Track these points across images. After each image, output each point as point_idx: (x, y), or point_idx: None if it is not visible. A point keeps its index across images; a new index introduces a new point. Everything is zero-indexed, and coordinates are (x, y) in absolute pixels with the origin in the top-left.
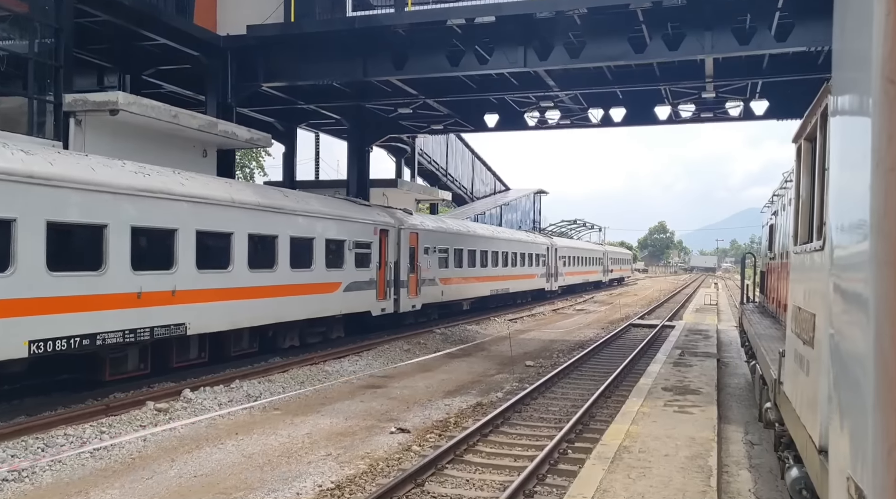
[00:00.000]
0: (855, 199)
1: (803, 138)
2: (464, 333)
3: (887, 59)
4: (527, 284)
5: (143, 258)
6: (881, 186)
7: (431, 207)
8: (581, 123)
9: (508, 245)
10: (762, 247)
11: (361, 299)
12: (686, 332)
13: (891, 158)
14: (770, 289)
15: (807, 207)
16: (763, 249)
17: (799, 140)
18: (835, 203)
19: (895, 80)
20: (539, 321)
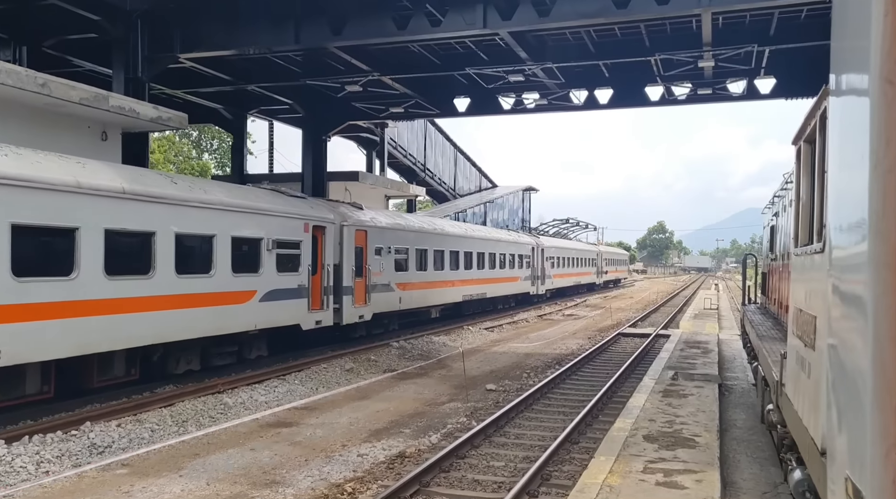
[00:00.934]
0: (853, 200)
1: (803, 140)
2: (427, 346)
3: (885, 59)
4: (508, 288)
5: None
6: (879, 188)
7: (409, 204)
8: (561, 103)
9: (485, 245)
10: (763, 248)
11: (287, 310)
12: (682, 344)
13: (889, 159)
14: (771, 290)
15: (807, 209)
16: (764, 250)
17: (799, 142)
18: (833, 205)
19: (893, 81)
20: (520, 330)
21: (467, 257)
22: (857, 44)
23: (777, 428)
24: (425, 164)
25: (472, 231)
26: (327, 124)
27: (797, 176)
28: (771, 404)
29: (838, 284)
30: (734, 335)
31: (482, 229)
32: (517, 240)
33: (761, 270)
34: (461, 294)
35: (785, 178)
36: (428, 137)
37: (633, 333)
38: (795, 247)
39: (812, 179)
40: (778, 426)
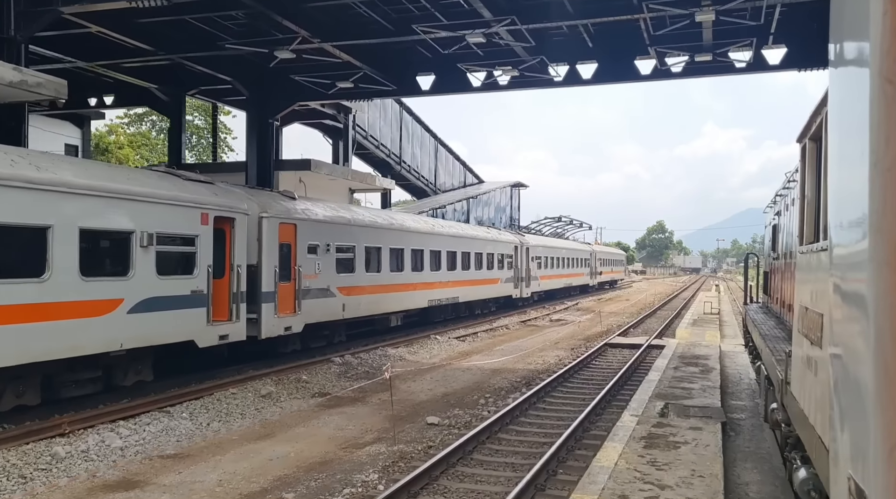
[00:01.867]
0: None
1: (808, 138)
2: (379, 361)
3: (885, 58)
4: (486, 292)
5: None
6: (879, 186)
7: (383, 200)
8: (537, 76)
9: (457, 243)
10: (765, 247)
11: (173, 324)
12: (677, 359)
13: (889, 157)
14: (774, 289)
15: (812, 207)
16: (766, 249)
17: (804, 140)
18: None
19: (893, 79)
20: (496, 339)
21: (434, 257)
22: (856, 42)
23: (781, 427)
24: (401, 156)
25: (440, 227)
26: (273, 106)
27: (802, 174)
28: (775, 403)
29: (839, 282)
30: (738, 345)
31: (454, 225)
32: (497, 238)
33: (763, 270)
34: (426, 299)
35: (787, 176)
36: (404, 127)
37: (623, 343)
38: (801, 245)
39: (818, 177)
40: (782, 425)
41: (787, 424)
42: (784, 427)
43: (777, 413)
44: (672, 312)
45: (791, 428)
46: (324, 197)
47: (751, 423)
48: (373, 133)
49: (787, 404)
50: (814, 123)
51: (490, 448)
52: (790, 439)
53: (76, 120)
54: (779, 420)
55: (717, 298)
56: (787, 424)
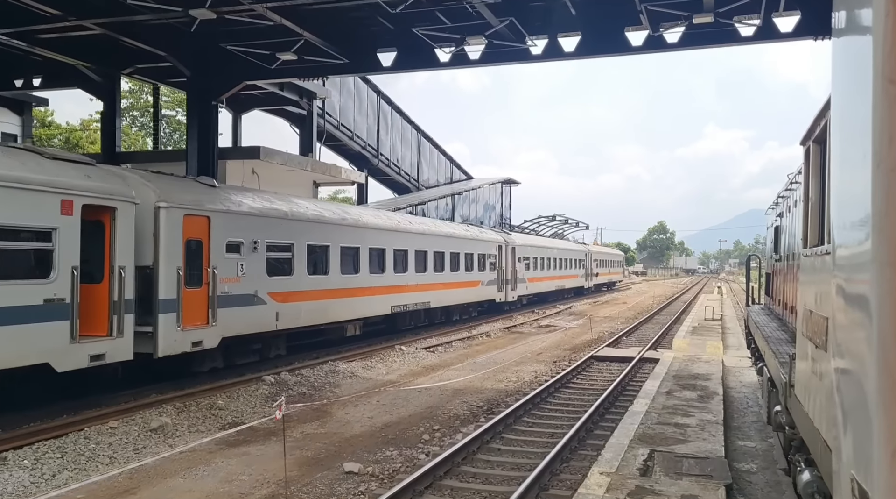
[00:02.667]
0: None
1: (812, 140)
2: (324, 379)
3: (887, 59)
4: (464, 295)
5: None
6: (882, 187)
7: (359, 195)
8: (512, 47)
9: (428, 242)
10: (767, 249)
11: (16, 342)
12: (671, 381)
13: (891, 158)
14: (776, 291)
15: (816, 210)
16: (768, 250)
17: (807, 142)
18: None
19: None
20: (471, 349)
21: (400, 257)
22: (858, 43)
23: (785, 429)
24: (378, 149)
25: (407, 224)
26: (216, 85)
27: (805, 176)
28: (778, 406)
29: (842, 284)
30: (743, 358)
31: (424, 222)
32: (478, 236)
33: (765, 272)
34: (389, 305)
35: (789, 178)
36: (382, 117)
37: (611, 356)
38: (805, 248)
39: (822, 179)
40: (786, 428)
41: (791, 426)
42: (788, 430)
43: (781, 416)
44: (671, 317)
45: (795, 430)
46: (283, 191)
47: (765, 479)
48: (346, 122)
49: (792, 406)
50: (818, 126)
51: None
52: (794, 442)
53: (15, 106)
54: (782, 423)
55: (720, 301)
56: (791, 426)
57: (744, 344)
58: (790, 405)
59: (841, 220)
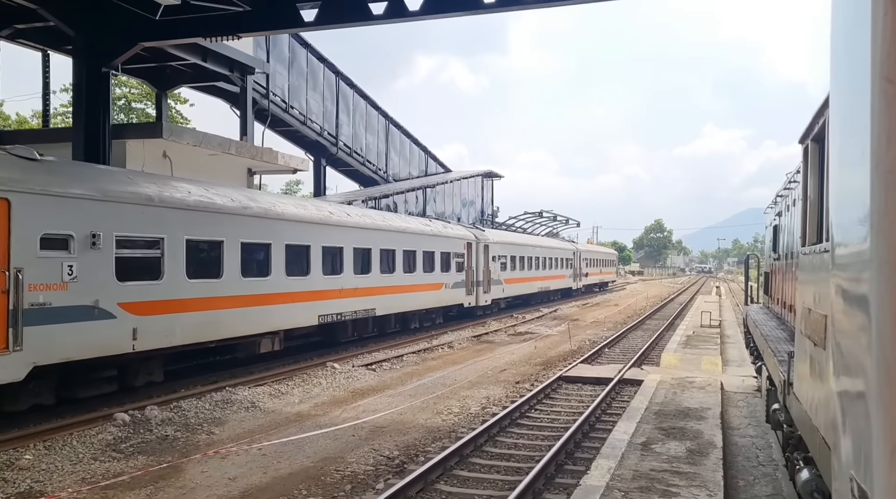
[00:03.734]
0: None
1: (810, 139)
2: (209, 413)
3: (885, 59)
4: (423, 300)
5: None
6: (881, 187)
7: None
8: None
9: (371, 238)
10: (766, 248)
11: None
12: (653, 421)
13: (890, 158)
14: (774, 290)
15: (815, 208)
16: (767, 249)
17: (806, 141)
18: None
19: (893, 80)
20: (424, 365)
21: (331, 257)
22: (856, 42)
23: (783, 428)
24: (338, 135)
25: (341, 217)
26: (107, 48)
27: (804, 175)
28: (777, 404)
29: (841, 282)
30: (748, 377)
31: (368, 215)
32: (440, 232)
33: (764, 270)
34: (316, 313)
35: (788, 177)
36: (342, 100)
37: (584, 377)
38: (803, 246)
39: (820, 178)
40: (784, 426)
41: (790, 424)
42: (786, 428)
43: (779, 414)
44: (664, 321)
45: (793, 429)
46: (206, 178)
47: None
48: (298, 105)
49: (790, 404)
50: (816, 124)
51: None
52: (792, 440)
53: None
54: (781, 421)
55: (718, 303)
56: (790, 424)
57: (748, 358)
58: (789, 403)
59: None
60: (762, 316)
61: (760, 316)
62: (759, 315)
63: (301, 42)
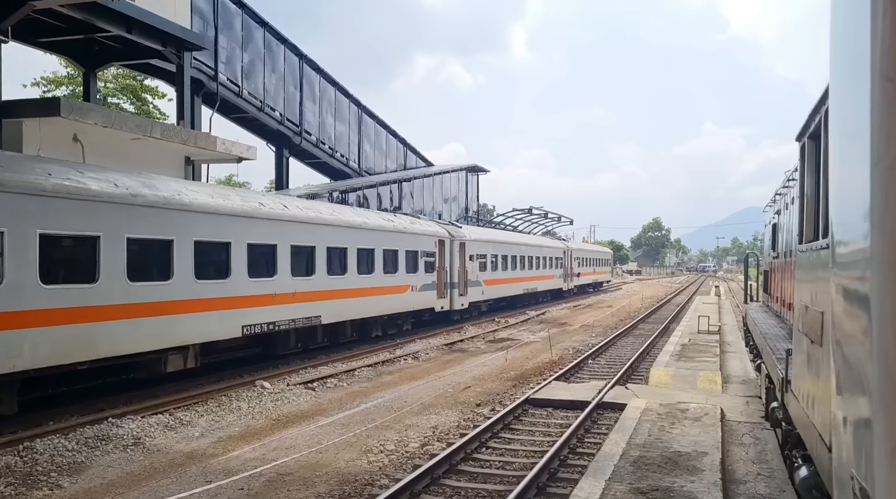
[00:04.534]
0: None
1: (807, 137)
2: (71, 456)
3: (885, 57)
4: (384, 305)
5: None
6: (881, 185)
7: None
8: None
9: (316, 234)
10: (765, 246)
11: None
12: (630, 474)
13: (890, 155)
14: (774, 288)
15: (812, 205)
16: (766, 247)
17: (803, 138)
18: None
19: (893, 78)
20: (378, 380)
21: (261, 256)
22: (856, 41)
23: (782, 425)
24: (302, 124)
25: (277, 209)
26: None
27: (801, 173)
28: (776, 402)
29: (841, 281)
30: (754, 399)
31: (313, 207)
32: (405, 228)
33: (763, 268)
34: (239, 324)
35: (786, 175)
36: (307, 85)
37: (557, 399)
38: (801, 243)
39: (817, 175)
40: (783, 423)
41: (788, 422)
42: (785, 426)
43: (778, 412)
44: (659, 325)
45: (792, 426)
46: (135, 168)
47: None
48: (253, 88)
49: (788, 402)
50: (812, 122)
51: None
52: (791, 438)
53: None
54: (779, 419)
55: (717, 304)
56: (788, 422)
57: (752, 373)
58: (787, 401)
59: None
60: (761, 314)
61: (760, 314)
62: (758, 314)
63: (257, 20)
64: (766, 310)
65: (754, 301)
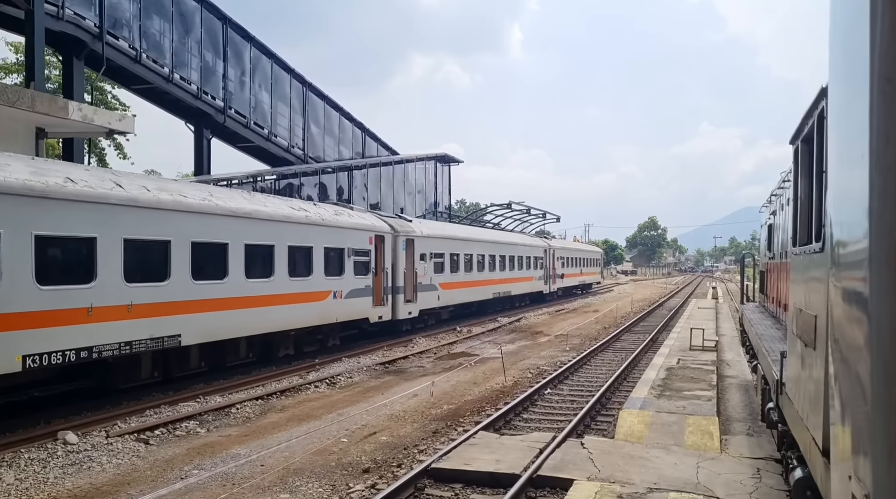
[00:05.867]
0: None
1: (800, 140)
2: None
3: (884, 58)
4: (287, 318)
5: None
6: (879, 186)
7: (197, 163)
8: None
9: (134, 224)
10: (761, 247)
11: None
12: None
13: (889, 156)
14: (770, 289)
15: (805, 208)
16: (762, 248)
17: (796, 142)
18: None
19: (892, 78)
20: (259, 422)
21: (66, 254)
22: (855, 42)
23: (777, 427)
24: (226, 98)
25: (84, 186)
26: None
27: (795, 175)
28: (771, 403)
29: (838, 282)
30: (770, 459)
31: (166, 189)
32: (325, 220)
33: (759, 269)
34: (17, 353)
35: (782, 176)
36: (233, 55)
37: (471, 472)
38: (794, 246)
39: (810, 178)
40: (778, 425)
41: (784, 423)
42: (780, 427)
43: (773, 413)
44: (647, 334)
45: (787, 427)
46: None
47: None
48: (157, 55)
49: (783, 404)
50: (805, 125)
51: None
52: (786, 439)
53: None
54: (775, 420)
55: (714, 309)
56: (784, 423)
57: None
58: (781, 403)
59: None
60: (757, 315)
61: (756, 315)
62: (754, 314)
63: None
64: (763, 310)
65: (751, 301)
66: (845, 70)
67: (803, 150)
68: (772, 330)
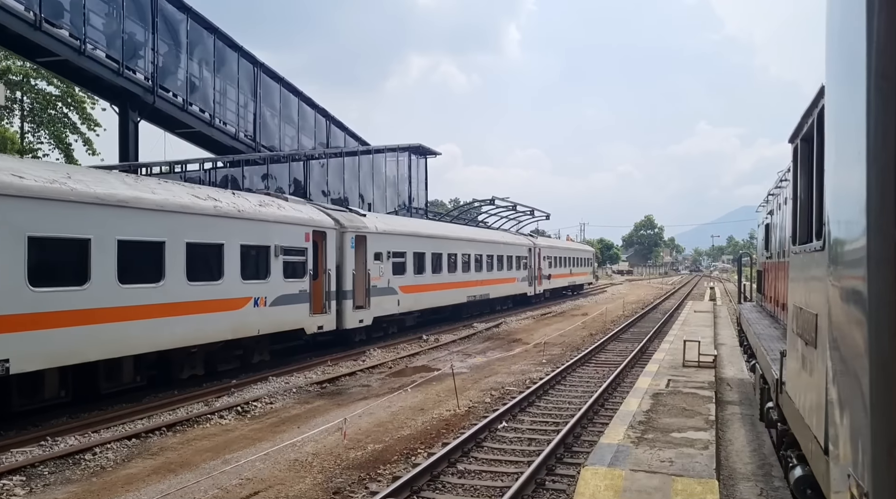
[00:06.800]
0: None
1: (800, 139)
2: None
3: (880, 56)
4: (187, 330)
5: None
6: (877, 184)
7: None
8: None
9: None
10: (758, 246)
11: None
12: None
13: (886, 155)
14: (767, 288)
15: (805, 207)
16: (759, 248)
17: (795, 140)
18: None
19: (889, 77)
20: (112, 477)
21: None
22: (852, 40)
23: (777, 426)
24: (156, 77)
25: None
26: None
27: (794, 174)
28: (770, 402)
29: (837, 280)
30: None
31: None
32: (239, 212)
33: (757, 268)
34: None
35: (779, 176)
36: (167, 27)
37: None
38: (794, 245)
39: (810, 177)
40: (777, 424)
41: (783, 422)
42: (779, 426)
43: (773, 412)
44: (636, 342)
45: (787, 427)
46: None
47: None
48: (63, 21)
49: (783, 403)
50: (805, 124)
51: None
52: (786, 438)
53: None
54: (774, 419)
55: (712, 313)
56: (783, 422)
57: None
58: (781, 402)
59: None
60: (755, 314)
61: (753, 314)
62: (752, 314)
63: None
64: (760, 310)
65: (748, 301)
66: (842, 68)
67: (803, 148)
68: (770, 329)
